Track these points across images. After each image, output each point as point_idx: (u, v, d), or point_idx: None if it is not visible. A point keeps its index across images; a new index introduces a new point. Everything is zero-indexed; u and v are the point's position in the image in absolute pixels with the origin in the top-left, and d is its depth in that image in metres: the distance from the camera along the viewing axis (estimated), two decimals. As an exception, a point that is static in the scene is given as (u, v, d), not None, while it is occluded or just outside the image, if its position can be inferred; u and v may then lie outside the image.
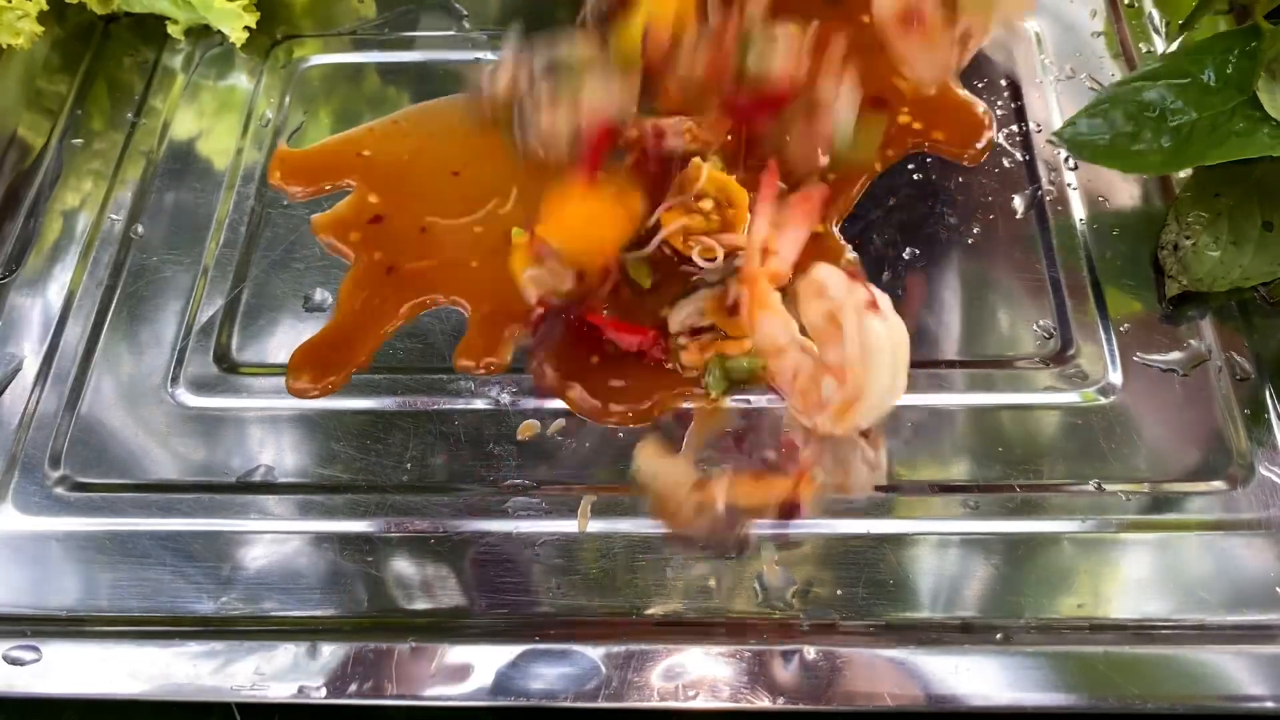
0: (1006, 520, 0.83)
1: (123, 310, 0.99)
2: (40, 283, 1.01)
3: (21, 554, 0.85)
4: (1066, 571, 0.80)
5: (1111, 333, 0.93)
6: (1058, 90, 1.09)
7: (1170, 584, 0.80)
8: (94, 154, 1.10)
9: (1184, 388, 0.89)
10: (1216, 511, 0.83)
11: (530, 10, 1.17)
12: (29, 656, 0.74)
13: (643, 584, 0.80)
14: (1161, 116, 0.93)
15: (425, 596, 0.81)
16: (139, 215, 1.05)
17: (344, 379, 0.92)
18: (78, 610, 0.82)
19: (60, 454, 0.91)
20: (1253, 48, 0.90)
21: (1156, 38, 1.12)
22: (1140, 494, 0.84)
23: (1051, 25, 1.14)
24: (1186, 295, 0.93)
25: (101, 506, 0.87)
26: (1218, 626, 0.77)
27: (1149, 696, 0.70)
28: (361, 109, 1.11)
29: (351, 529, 0.85)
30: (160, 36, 1.18)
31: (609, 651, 0.72)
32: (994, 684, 0.71)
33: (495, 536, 0.84)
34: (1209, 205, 0.94)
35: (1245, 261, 0.91)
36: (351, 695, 0.72)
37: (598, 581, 0.81)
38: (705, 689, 0.71)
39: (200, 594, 0.82)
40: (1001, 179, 1.03)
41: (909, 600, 0.79)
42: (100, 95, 1.16)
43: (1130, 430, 0.87)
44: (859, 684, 0.70)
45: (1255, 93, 0.88)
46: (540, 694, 0.71)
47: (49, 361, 0.96)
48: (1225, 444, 0.86)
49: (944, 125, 1.06)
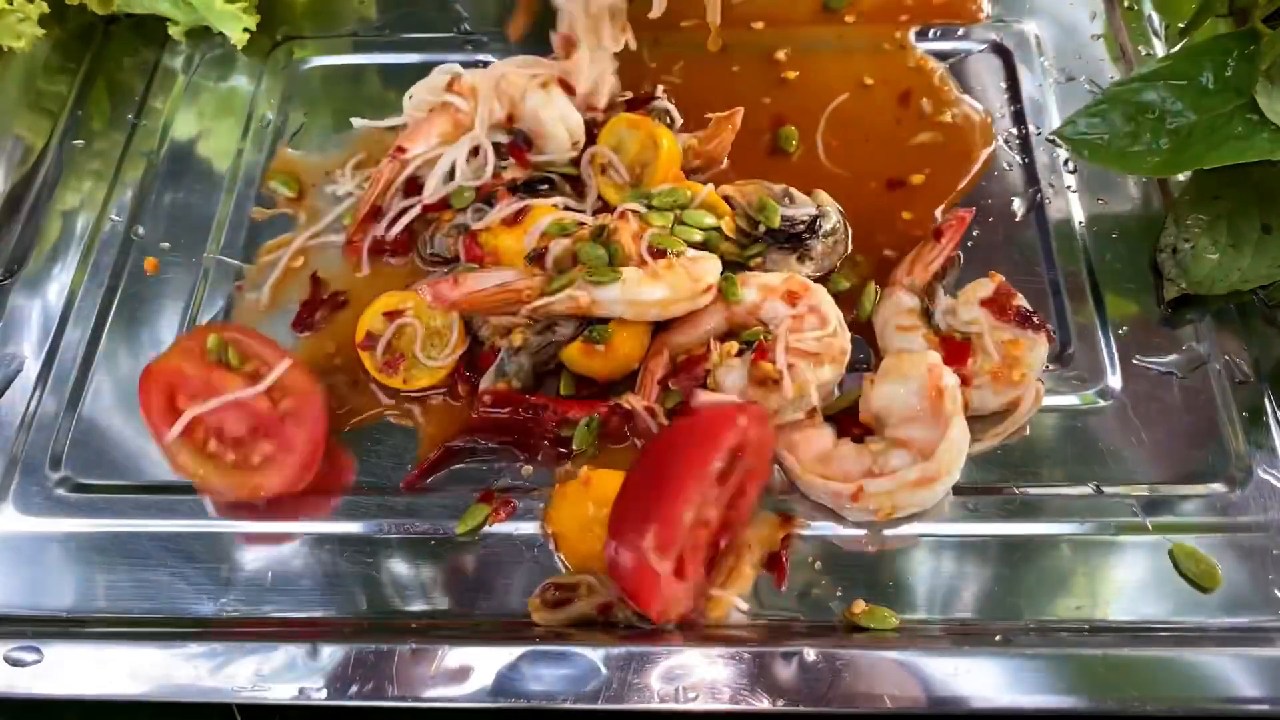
0: (1006, 523, 0.83)
1: (123, 311, 0.99)
2: (41, 284, 1.01)
3: (22, 555, 0.85)
4: (1065, 574, 0.81)
5: (1110, 335, 0.93)
6: (1057, 93, 1.09)
7: (1168, 586, 0.80)
8: (94, 155, 1.11)
9: (1182, 390, 0.90)
10: (1215, 514, 0.83)
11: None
12: (30, 657, 0.74)
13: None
14: (1160, 118, 0.93)
15: (425, 598, 0.81)
16: (139, 216, 1.05)
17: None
18: (78, 611, 0.82)
19: (61, 455, 0.91)
20: (1251, 51, 0.90)
21: (1156, 41, 1.12)
22: (1139, 496, 0.84)
23: (1051, 28, 1.14)
24: (1185, 298, 0.93)
25: (102, 508, 0.87)
26: (1216, 629, 0.78)
27: (1147, 698, 0.70)
28: (362, 110, 1.11)
29: (352, 530, 0.85)
30: (161, 38, 1.18)
31: (609, 653, 0.72)
32: (993, 686, 0.71)
33: (496, 538, 0.84)
34: (1208, 208, 0.94)
35: (1244, 264, 0.91)
36: (352, 696, 0.72)
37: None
38: (705, 691, 0.71)
39: (201, 595, 0.82)
40: (1001, 182, 1.03)
41: (909, 602, 0.80)
42: (100, 96, 1.16)
43: (1129, 433, 0.87)
44: (859, 686, 0.70)
45: (1254, 96, 0.89)
46: (540, 695, 0.71)
47: (50, 363, 0.96)
48: (1224, 446, 0.86)
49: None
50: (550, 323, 0.87)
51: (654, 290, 0.85)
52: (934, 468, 0.80)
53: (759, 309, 0.88)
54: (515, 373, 0.87)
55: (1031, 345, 0.86)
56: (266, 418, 0.84)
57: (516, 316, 0.88)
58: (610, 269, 0.85)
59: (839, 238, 0.95)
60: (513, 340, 0.87)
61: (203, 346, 0.86)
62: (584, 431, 0.85)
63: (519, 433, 0.87)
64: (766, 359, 0.83)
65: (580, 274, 0.85)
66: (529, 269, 0.87)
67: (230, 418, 0.84)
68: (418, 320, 0.90)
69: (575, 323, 0.87)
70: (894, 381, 0.84)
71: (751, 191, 0.94)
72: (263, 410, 0.84)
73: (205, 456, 0.84)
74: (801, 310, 0.86)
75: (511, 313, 0.88)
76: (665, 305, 0.86)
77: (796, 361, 0.83)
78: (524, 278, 0.86)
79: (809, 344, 0.84)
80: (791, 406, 0.83)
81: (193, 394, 0.85)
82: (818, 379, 0.83)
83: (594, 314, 0.86)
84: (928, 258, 0.94)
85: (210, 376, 0.85)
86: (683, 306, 0.87)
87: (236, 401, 0.84)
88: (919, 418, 0.82)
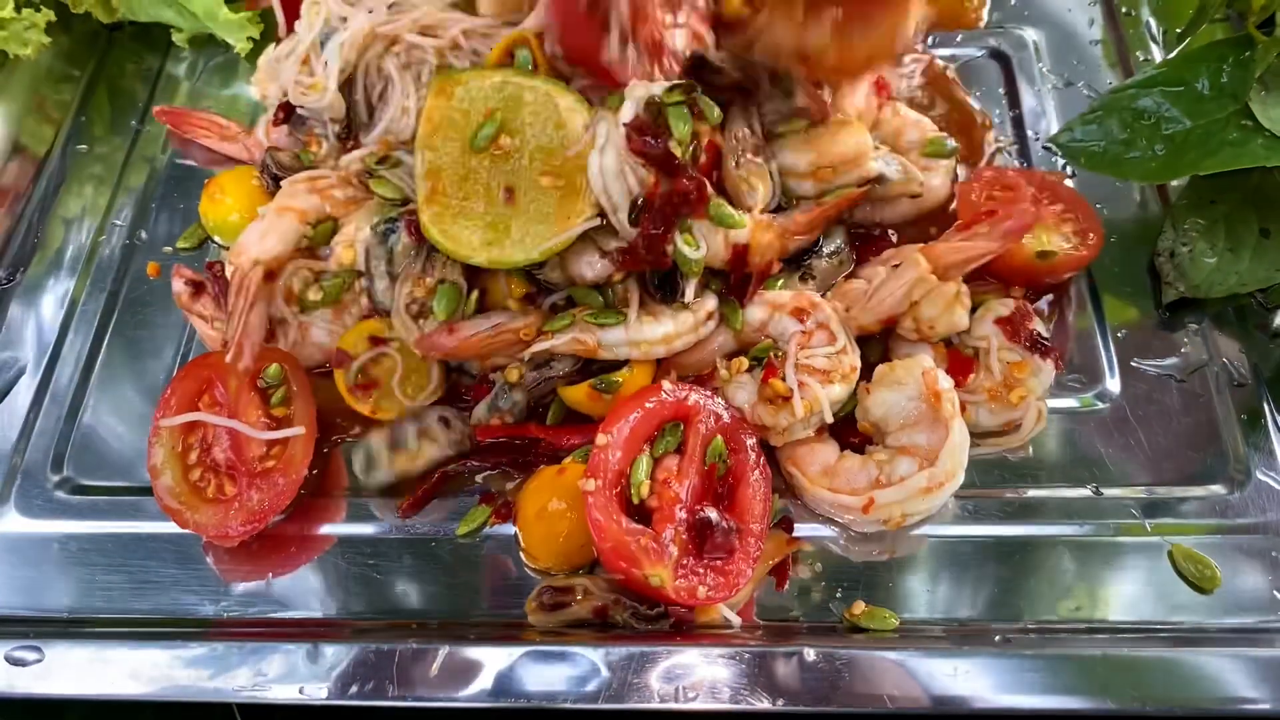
0: (1005, 524, 0.83)
1: (125, 315, 1.00)
2: (44, 288, 1.01)
3: (23, 556, 0.85)
4: (1064, 575, 0.81)
5: (1109, 339, 0.93)
6: (1056, 98, 1.10)
7: (1167, 587, 0.80)
8: (98, 160, 1.11)
9: (1181, 393, 0.90)
10: (1213, 516, 0.83)
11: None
12: (31, 657, 0.74)
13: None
14: (1156, 124, 0.93)
15: (426, 599, 0.81)
16: (142, 221, 1.06)
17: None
18: (79, 612, 0.82)
19: (62, 457, 0.91)
20: (1246, 58, 0.91)
21: (1154, 46, 1.13)
22: (1138, 498, 0.84)
23: (1050, 33, 1.15)
24: (1184, 301, 0.93)
25: (103, 510, 0.87)
26: (1215, 630, 0.78)
27: (1146, 699, 0.70)
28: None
29: (353, 531, 0.85)
30: (164, 45, 1.19)
31: (609, 653, 0.72)
32: (993, 686, 0.71)
33: (497, 540, 0.84)
34: (1206, 212, 0.95)
35: (1242, 268, 0.92)
36: (352, 696, 0.72)
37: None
38: (705, 691, 0.71)
39: (201, 596, 0.82)
40: (999, 186, 1.03)
41: (909, 602, 0.80)
42: (104, 102, 1.16)
43: (1128, 435, 0.88)
44: (859, 686, 0.70)
45: (1248, 103, 0.89)
46: (541, 695, 0.71)
47: (52, 366, 0.96)
48: (1222, 449, 0.87)
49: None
50: (547, 359, 0.86)
51: (656, 328, 0.84)
52: (941, 473, 0.80)
53: (766, 326, 0.87)
54: (509, 408, 0.86)
55: (1036, 370, 0.86)
56: (247, 463, 0.84)
57: (513, 359, 0.86)
58: (613, 311, 0.84)
59: (842, 257, 0.93)
60: (508, 376, 0.86)
61: (260, 368, 0.86)
62: (579, 457, 0.84)
63: (513, 454, 0.87)
64: (776, 376, 0.82)
65: (582, 315, 0.84)
66: (521, 305, 0.86)
67: (223, 441, 0.85)
68: (399, 355, 0.87)
69: (572, 358, 0.86)
70: (889, 388, 0.84)
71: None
72: (250, 455, 0.84)
73: (175, 457, 0.84)
74: (810, 327, 0.86)
75: (512, 356, 0.86)
76: (669, 341, 0.85)
77: (807, 379, 0.82)
78: (519, 316, 0.85)
79: (819, 361, 0.84)
80: (801, 424, 0.83)
81: (215, 403, 0.86)
82: (828, 397, 0.82)
83: (599, 357, 0.85)
84: (967, 253, 0.86)
85: (241, 397, 0.85)
86: (686, 340, 0.86)
87: (237, 432, 0.84)
88: (919, 423, 0.83)
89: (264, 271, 0.88)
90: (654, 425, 0.80)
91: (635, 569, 0.74)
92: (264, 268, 0.88)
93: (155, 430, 0.85)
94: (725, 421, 0.81)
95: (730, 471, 0.80)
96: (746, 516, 0.78)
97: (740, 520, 0.78)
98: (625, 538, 0.74)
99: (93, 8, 1.16)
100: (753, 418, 0.83)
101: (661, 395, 0.80)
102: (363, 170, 0.92)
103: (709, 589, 0.75)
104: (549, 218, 0.82)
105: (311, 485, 0.87)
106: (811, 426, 0.84)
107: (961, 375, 0.86)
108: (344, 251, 0.89)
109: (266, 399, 0.86)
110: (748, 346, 0.88)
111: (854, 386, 0.85)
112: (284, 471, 0.83)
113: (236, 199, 0.99)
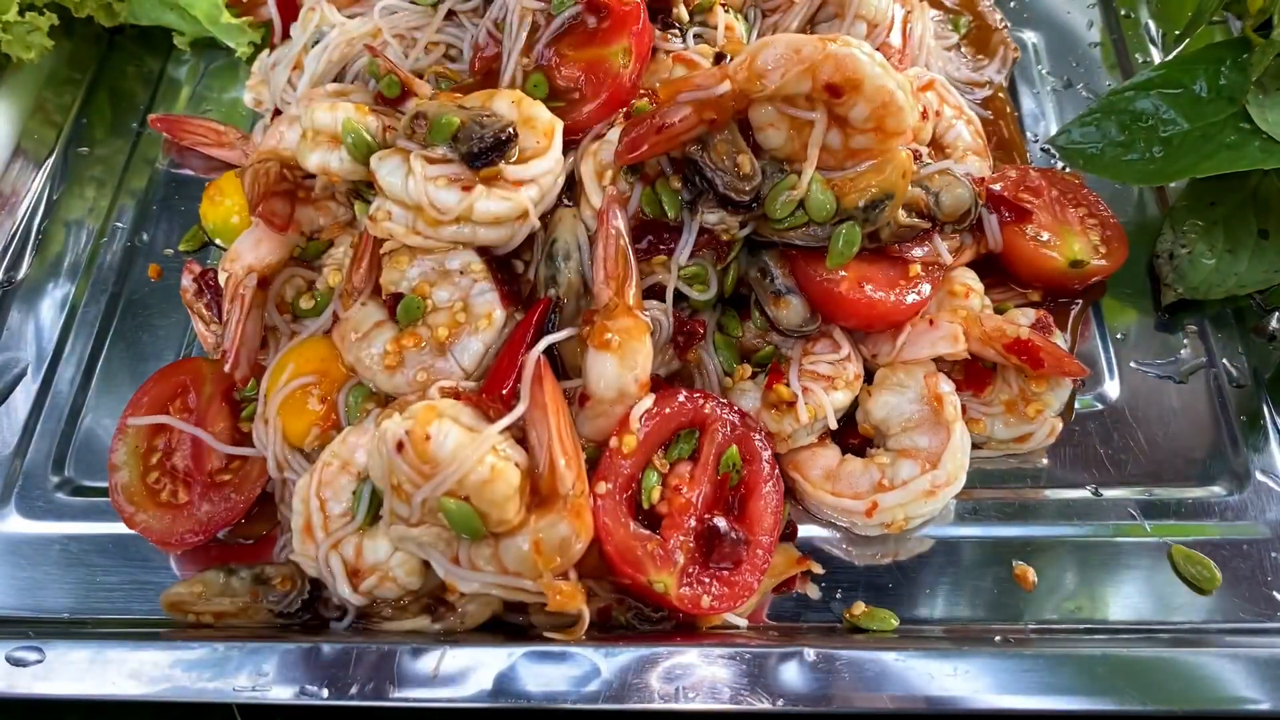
0: (1005, 525, 0.84)
1: (126, 318, 1.00)
2: (45, 289, 1.02)
3: (24, 557, 0.86)
4: (1064, 575, 0.81)
5: (1108, 340, 0.93)
6: (1055, 100, 1.10)
7: (1167, 588, 0.80)
8: (98, 162, 1.11)
9: (1180, 394, 0.90)
10: (1213, 516, 0.83)
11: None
12: (31, 657, 0.74)
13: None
14: (1153, 126, 0.94)
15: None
16: (143, 224, 1.06)
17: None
18: (80, 612, 0.82)
19: (63, 459, 0.91)
20: (1244, 60, 0.91)
21: (1153, 49, 1.13)
22: (1137, 499, 0.84)
23: (1049, 35, 1.16)
24: (1183, 303, 0.93)
25: (104, 510, 0.87)
26: (1214, 630, 0.78)
27: (1146, 699, 0.70)
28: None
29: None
30: (166, 48, 1.19)
31: (609, 653, 0.72)
32: (993, 686, 0.70)
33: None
34: (1205, 214, 0.95)
35: (1241, 269, 0.92)
36: (352, 697, 0.72)
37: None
38: (705, 691, 0.70)
39: (202, 597, 0.82)
40: (998, 188, 1.04)
41: (909, 603, 0.80)
42: (105, 105, 1.17)
43: (1127, 436, 0.88)
44: (859, 686, 0.70)
45: (1246, 105, 0.89)
46: (540, 696, 0.71)
47: (53, 368, 0.96)
48: (1221, 450, 0.87)
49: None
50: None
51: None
52: (943, 475, 0.80)
53: (767, 332, 0.87)
54: None
55: (1054, 386, 0.85)
56: (204, 474, 0.84)
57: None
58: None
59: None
60: None
61: (247, 378, 0.87)
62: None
63: None
64: (780, 382, 0.83)
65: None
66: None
67: (185, 447, 0.85)
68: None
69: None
70: (891, 390, 0.84)
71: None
72: (209, 466, 0.85)
73: (137, 457, 0.85)
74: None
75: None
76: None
77: (811, 385, 0.83)
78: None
79: (822, 367, 0.84)
80: (805, 430, 0.83)
81: (186, 409, 0.87)
82: (832, 403, 0.82)
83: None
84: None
85: (212, 406, 0.86)
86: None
87: (199, 441, 0.85)
88: (920, 426, 0.83)
89: (258, 279, 0.88)
90: (669, 431, 0.79)
91: (640, 574, 0.74)
92: (258, 275, 0.88)
93: (122, 428, 0.86)
94: (741, 432, 0.80)
95: (743, 482, 0.80)
96: (756, 528, 0.78)
97: (750, 532, 0.77)
98: (631, 542, 0.74)
99: (95, 11, 1.16)
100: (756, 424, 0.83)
101: (679, 401, 0.79)
102: (350, 189, 0.91)
103: (713, 598, 0.75)
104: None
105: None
106: (815, 432, 0.84)
107: (978, 388, 0.86)
108: (331, 274, 0.89)
109: (237, 412, 0.87)
110: (750, 353, 0.88)
111: (857, 393, 0.85)
112: (237, 488, 0.84)
113: (237, 201, 0.99)
